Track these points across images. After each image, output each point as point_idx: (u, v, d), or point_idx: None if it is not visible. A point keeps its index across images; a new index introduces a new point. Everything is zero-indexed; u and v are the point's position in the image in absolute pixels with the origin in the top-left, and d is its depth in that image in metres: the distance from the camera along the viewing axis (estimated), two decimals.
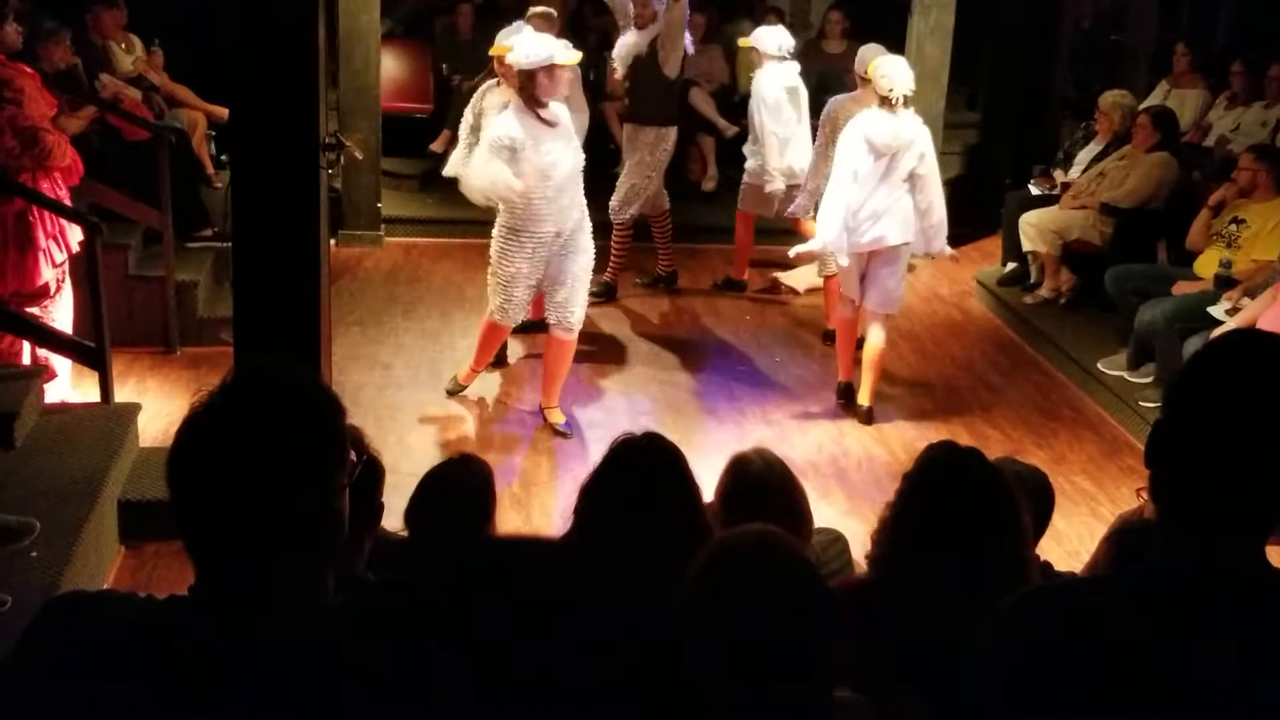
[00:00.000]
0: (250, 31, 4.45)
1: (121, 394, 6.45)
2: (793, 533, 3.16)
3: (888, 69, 6.76)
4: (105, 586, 5.08)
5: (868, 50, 7.46)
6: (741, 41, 9.52)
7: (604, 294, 8.71)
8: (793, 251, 7.35)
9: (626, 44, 8.20)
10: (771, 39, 8.50)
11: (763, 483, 3.54)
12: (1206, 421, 1.81)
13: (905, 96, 6.70)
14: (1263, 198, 7.54)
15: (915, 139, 6.78)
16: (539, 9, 7.57)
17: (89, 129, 7.70)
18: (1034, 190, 9.55)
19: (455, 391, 7.17)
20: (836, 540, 3.93)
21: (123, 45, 8.92)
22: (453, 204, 8.36)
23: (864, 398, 7.21)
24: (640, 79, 8.37)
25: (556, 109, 6.44)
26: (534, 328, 7.39)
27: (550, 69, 6.25)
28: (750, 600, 2.09)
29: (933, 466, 2.87)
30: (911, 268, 8.12)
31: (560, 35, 7.02)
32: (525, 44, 6.35)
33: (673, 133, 8.58)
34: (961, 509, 2.75)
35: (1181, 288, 7.50)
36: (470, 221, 8.26)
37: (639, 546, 2.90)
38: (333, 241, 8.91)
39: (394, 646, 1.26)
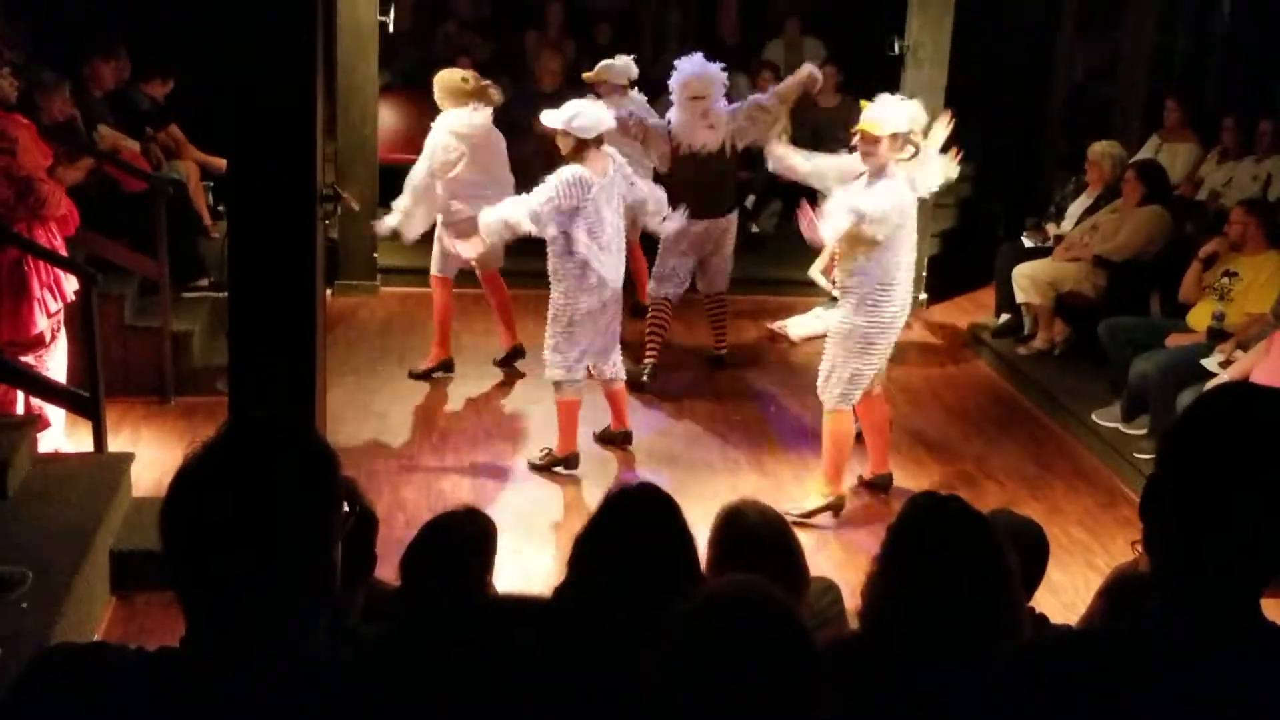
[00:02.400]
0: (249, 83, 4.48)
1: (115, 443, 6.44)
2: (788, 584, 3.15)
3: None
4: (96, 637, 5.05)
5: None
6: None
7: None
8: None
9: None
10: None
11: (758, 535, 3.52)
12: (1200, 475, 1.82)
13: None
14: (1254, 251, 7.58)
15: None
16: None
17: (87, 179, 7.72)
18: (1027, 242, 9.60)
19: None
20: (829, 589, 3.91)
21: None
22: None
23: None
24: None
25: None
26: None
27: None
28: (733, 650, 2.09)
29: (915, 516, 2.86)
30: (909, 325, 8.09)
31: None
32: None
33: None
34: (945, 557, 2.74)
35: (1175, 340, 7.52)
36: (465, 272, 8.27)
37: (634, 597, 2.89)
38: (328, 291, 8.93)
39: (385, 704, 1.26)
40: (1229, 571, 1.82)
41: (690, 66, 7.96)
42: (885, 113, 6.20)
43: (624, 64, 8.49)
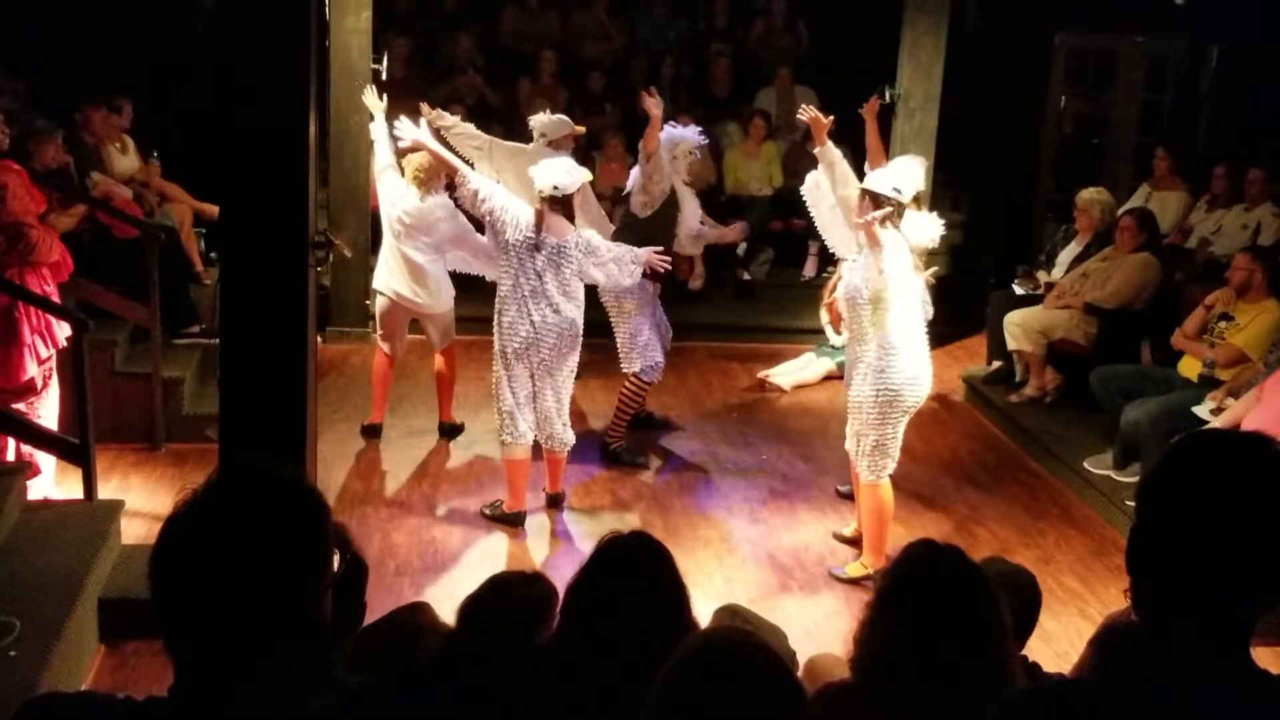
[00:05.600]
0: (242, 131, 4.50)
1: (105, 490, 6.41)
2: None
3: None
4: (84, 686, 5.01)
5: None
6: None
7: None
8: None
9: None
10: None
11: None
12: (1179, 524, 1.83)
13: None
14: (1255, 298, 7.56)
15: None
16: None
17: (80, 226, 7.74)
18: (1018, 290, 9.63)
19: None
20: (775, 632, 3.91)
21: (117, 145, 9.02)
22: None
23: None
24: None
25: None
26: None
27: None
28: (724, 698, 2.09)
29: (908, 564, 2.86)
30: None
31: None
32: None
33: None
34: (938, 605, 2.74)
35: (1178, 341, 7.74)
36: (457, 319, 8.27)
37: (626, 645, 2.88)
38: (320, 338, 8.93)
39: None
40: (1216, 618, 1.82)
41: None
42: (874, 174, 6.23)
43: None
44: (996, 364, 9.47)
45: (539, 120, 7.96)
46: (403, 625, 3.90)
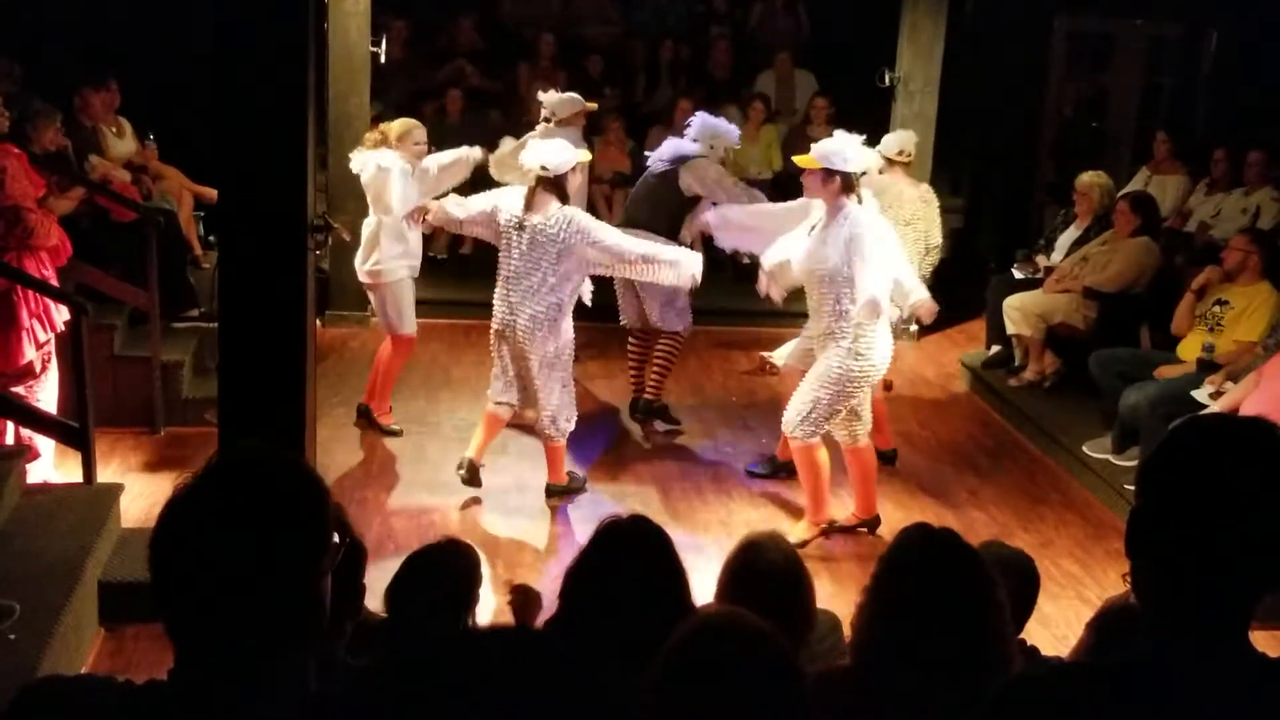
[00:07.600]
0: (240, 114, 4.49)
1: (104, 474, 6.42)
2: (794, 621, 3.16)
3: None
4: (84, 669, 5.01)
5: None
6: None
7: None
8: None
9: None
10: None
11: (772, 570, 3.52)
12: (1178, 507, 1.83)
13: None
14: (1248, 281, 7.57)
15: None
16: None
17: (78, 210, 7.72)
18: (1017, 274, 9.62)
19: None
20: (835, 627, 3.90)
21: (113, 129, 9.00)
22: (440, 285, 8.39)
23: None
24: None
25: None
26: None
27: None
28: (717, 682, 2.09)
29: (906, 548, 2.86)
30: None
31: None
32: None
33: None
34: (936, 589, 2.74)
35: (1164, 373, 7.52)
36: (456, 303, 8.26)
37: (625, 631, 2.88)
38: (319, 322, 8.93)
39: None
40: (1214, 602, 1.82)
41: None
42: (827, 148, 6.21)
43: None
44: (996, 348, 9.47)
45: (549, 99, 7.96)
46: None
